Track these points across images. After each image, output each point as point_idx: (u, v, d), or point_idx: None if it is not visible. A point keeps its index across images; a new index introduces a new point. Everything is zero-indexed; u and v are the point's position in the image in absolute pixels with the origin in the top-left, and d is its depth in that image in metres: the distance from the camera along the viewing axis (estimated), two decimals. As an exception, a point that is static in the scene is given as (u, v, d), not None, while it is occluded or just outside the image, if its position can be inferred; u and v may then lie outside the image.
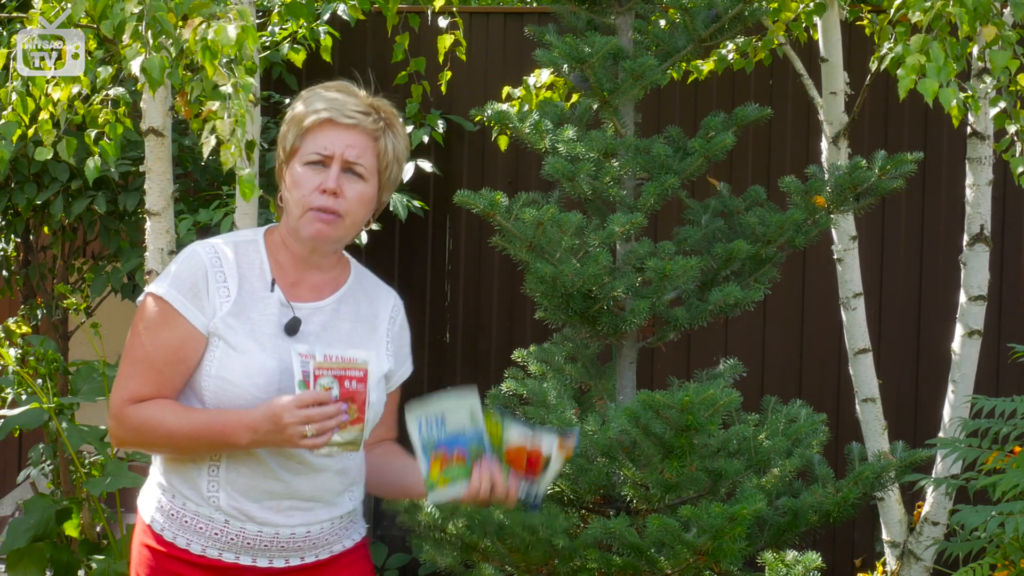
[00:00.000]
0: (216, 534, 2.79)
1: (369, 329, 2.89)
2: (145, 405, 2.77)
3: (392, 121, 2.86)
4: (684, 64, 6.13)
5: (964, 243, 5.66)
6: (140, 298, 2.84)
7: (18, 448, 7.02)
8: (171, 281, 2.79)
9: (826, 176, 4.81)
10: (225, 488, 2.78)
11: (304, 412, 2.67)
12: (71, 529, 5.41)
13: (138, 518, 2.90)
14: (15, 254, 6.40)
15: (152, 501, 2.86)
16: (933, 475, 5.53)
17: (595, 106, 4.84)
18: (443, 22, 6.36)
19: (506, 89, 6.32)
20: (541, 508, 2.90)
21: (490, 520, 4.39)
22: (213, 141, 3.97)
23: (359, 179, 2.81)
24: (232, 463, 2.78)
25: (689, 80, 6.50)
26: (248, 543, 2.80)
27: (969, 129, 5.64)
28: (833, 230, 5.80)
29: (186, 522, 2.81)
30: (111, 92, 4.71)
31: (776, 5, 5.84)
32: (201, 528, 2.80)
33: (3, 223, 6.28)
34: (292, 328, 2.79)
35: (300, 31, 5.97)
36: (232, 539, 2.79)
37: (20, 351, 5.49)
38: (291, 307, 2.81)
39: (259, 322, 2.78)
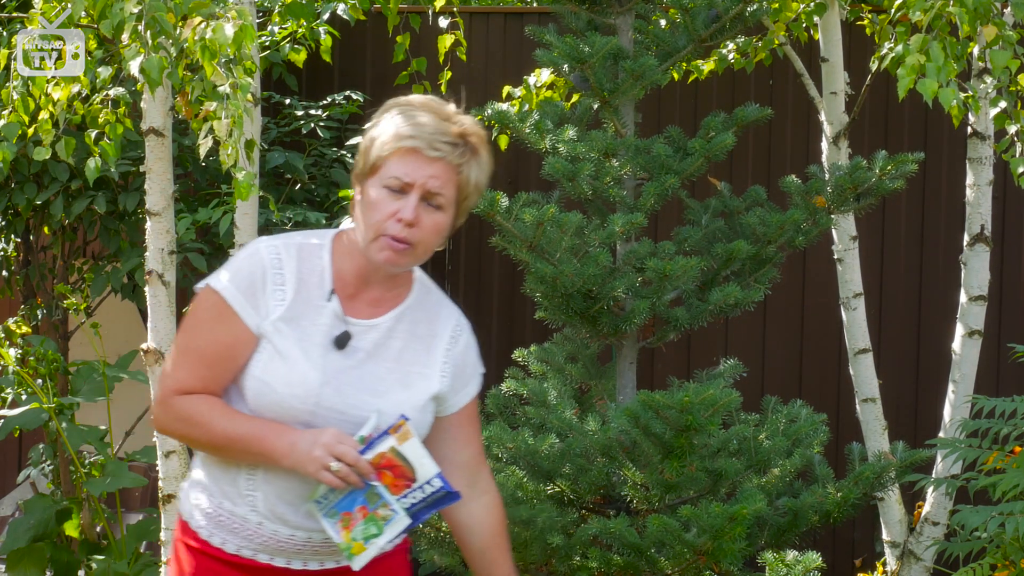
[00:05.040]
0: (250, 535, 2.79)
1: (423, 350, 2.82)
2: (193, 398, 2.75)
3: (478, 148, 2.82)
4: (684, 64, 6.12)
5: (964, 243, 5.66)
6: (199, 285, 2.79)
7: (18, 448, 7.01)
8: (230, 277, 2.75)
9: (826, 176, 4.81)
10: (263, 488, 2.77)
11: (343, 448, 2.65)
12: (71, 529, 5.41)
13: (177, 515, 2.90)
14: (15, 254, 6.40)
15: (191, 498, 2.86)
16: (933, 475, 5.52)
17: (595, 106, 4.84)
18: (443, 22, 6.36)
19: (506, 89, 6.32)
20: (422, 518, 2.71)
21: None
22: (211, 141, 3.97)
23: (437, 209, 2.75)
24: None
25: (689, 80, 6.50)
26: (281, 546, 2.79)
27: (969, 129, 5.64)
28: (833, 230, 5.80)
29: (221, 521, 2.80)
30: (111, 92, 4.70)
31: (776, 5, 5.84)
32: (236, 528, 2.80)
33: (3, 223, 6.27)
34: (341, 342, 2.75)
35: (300, 31, 5.97)
36: (266, 541, 2.79)
37: (20, 351, 5.49)
38: (345, 320, 2.77)
39: (309, 331, 2.75)
